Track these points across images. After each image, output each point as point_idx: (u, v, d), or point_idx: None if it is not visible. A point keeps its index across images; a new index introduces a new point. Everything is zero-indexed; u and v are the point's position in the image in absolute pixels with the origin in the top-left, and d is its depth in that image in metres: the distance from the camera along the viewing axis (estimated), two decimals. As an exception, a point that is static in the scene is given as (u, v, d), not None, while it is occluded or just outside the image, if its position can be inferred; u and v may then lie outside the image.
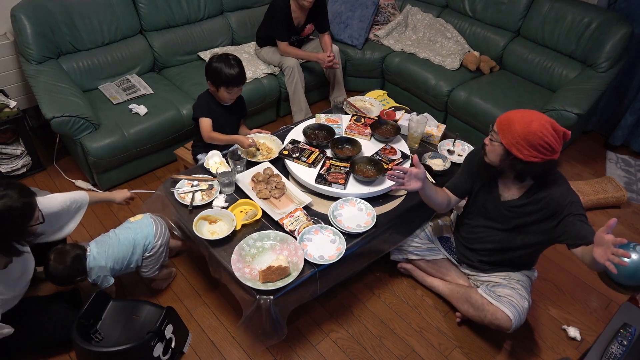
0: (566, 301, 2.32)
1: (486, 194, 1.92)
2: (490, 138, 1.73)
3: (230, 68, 2.19)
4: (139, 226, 1.98)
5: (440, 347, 2.08)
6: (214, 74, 2.21)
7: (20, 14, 2.64)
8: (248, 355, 2.00)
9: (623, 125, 3.30)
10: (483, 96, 3.11)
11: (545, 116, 1.63)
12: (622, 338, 1.64)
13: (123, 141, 2.63)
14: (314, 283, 1.81)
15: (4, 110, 2.66)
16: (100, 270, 1.89)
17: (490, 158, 1.75)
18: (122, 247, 1.93)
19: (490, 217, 1.93)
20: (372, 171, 2.14)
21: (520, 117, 1.62)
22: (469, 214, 2.05)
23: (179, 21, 3.28)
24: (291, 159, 2.21)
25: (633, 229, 2.77)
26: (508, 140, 1.63)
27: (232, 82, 2.22)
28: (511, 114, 1.66)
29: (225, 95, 2.27)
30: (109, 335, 1.83)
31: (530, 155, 1.61)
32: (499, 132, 1.67)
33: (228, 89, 2.24)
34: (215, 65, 2.20)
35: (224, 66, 2.18)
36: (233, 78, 2.20)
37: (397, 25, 3.82)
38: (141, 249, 1.96)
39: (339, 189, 2.05)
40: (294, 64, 3.18)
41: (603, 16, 3.00)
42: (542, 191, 1.75)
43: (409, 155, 2.23)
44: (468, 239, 2.07)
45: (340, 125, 2.44)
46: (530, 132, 1.59)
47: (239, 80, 2.24)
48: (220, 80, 2.21)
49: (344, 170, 2.13)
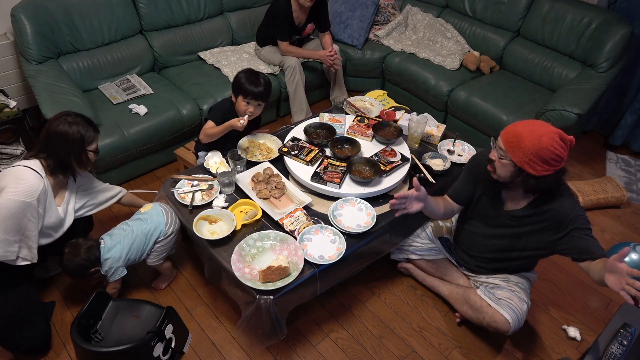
0: (566, 301, 2.32)
1: (488, 202, 1.89)
2: (499, 156, 1.65)
3: (254, 78, 2.17)
4: (150, 216, 2.02)
5: (440, 347, 2.08)
6: (239, 85, 2.19)
7: (20, 14, 2.64)
8: (248, 355, 2.00)
9: (623, 125, 3.30)
10: (483, 96, 3.11)
11: (551, 126, 1.57)
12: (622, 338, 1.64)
13: (123, 141, 2.63)
14: (314, 283, 1.81)
15: (4, 110, 2.66)
16: (114, 261, 1.94)
17: (499, 175, 1.69)
18: (137, 238, 1.98)
19: (491, 225, 1.91)
20: (369, 172, 2.14)
21: (529, 133, 1.56)
22: (469, 220, 2.02)
23: (179, 21, 3.28)
24: (290, 156, 2.21)
25: (633, 229, 2.77)
26: (519, 158, 1.58)
27: (254, 95, 2.16)
28: (517, 128, 1.59)
29: (242, 107, 2.21)
30: (109, 335, 1.83)
31: (542, 170, 1.57)
32: (507, 149, 1.60)
33: (246, 99, 2.19)
34: (241, 75, 2.20)
35: (247, 77, 2.17)
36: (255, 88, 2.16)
37: (397, 25, 3.82)
38: (155, 238, 2.00)
39: (334, 188, 2.05)
40: (296, 64, 3.18)
41: (603, 16, 3.00)
42: (547, 203, 1.71)
43: (408, 158, 2.22)
44: (467, 244, 2.06)
45: (342, 125, 2.44)
46: (542, 148, 1.54)
47: (258, 93, 2.18)
48: (244, 90, 2.17)
49: (340, 170, 2.13)
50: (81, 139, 1.82)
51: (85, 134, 1.83)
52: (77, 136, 1.81)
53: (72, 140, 1.80)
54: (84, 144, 1.84)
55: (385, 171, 2.12)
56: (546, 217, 1.72)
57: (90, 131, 1.86)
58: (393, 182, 2.10)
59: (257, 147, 2.32)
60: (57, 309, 2.12)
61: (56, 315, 2.10)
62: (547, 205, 1.71)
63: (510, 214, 1.82)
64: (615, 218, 2.84)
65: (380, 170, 2.11)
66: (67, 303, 2.16)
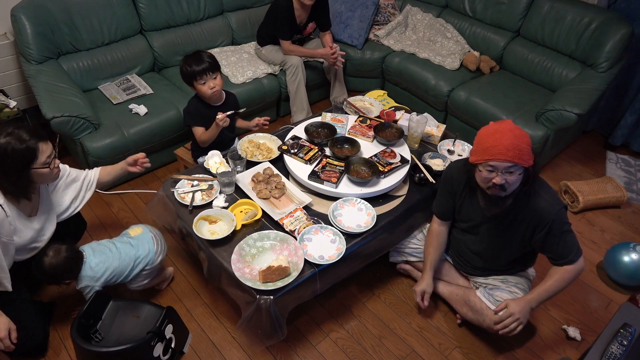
0: (566, 301, 2.32)
1: (469, 210, 1.91)
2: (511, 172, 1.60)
3: (191, 59, 2.21)
4: (140, 242, 1.98)
5: (440, 347, 2.08)
6: (182, 74, 2.24)
7: (20, 14, 2.64)
8: (248, 355, 2.00)
9: (623, 125, 3.30)
10: (483, 96, 3.11)
11: (503, 122, 1.64)
12: (622, 338, 1.64)
13: (123, 141, 2.63)
14: (313, 283, 1.81)
15: (4, 110, 2.66)
16: (92, 280, 1.87)
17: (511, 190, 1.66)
18: (122, 262, 1.92)
19: (475, 232, 1.94)
20: (367, 172, 2.13)
21: (514, 137, 1.56)
22: (455, 229, 2.07)
23: (179, 21, 3.28)
24: (289, 154, 2.21)
25: (633, 229, 2.77)
26: (527, 161, 1.59)
27: (199, 72, 2.19)
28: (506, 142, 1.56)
29: (203, 89, 2.24)
30: (109, 335, 1.83)
31: (530, 158, 1.61)
32: (518, 163, 1.57)
33: (199, 81, 2.22)
34: (180, 66, 2.22)
35: (185, 61, 2.21)
36: (196, 66, 2.19)
37: (397, 25, 3.82)
38: (143, 265, 1.96)
39: (331, 187, 2.05)
40: (298, 63, 3.18)
41: (603, 16, 3.00)
42: (526, 201, 1.72)
43: (408, 160, 2.21)
44: (457, 251, 2.09)
45: (344, 125, 2.44)
46: (522, 137, 1.58)
47: (204, 68, 2.19)
48: (188, 75, 2.22)
49: (339, 170, 2.13)
50: (21, 157, 1.56)
51: (24, 149, 1.55)
52: (15, 155, 1.54)
53: (10, 161, 1.55)
54: (27, 163, 1.59)
55: (384, 172, 2.12)
56: (526, 215, 1.74)
57: (32, 143, 1.57)
58: (393, 183, 2.10)
59: (257, 147, 2.32)
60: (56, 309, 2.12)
61: (56, 315, 2.10)
62: (526, 204, 1.72)
63: (492, 218, 1.83)
64: (615, 218, 2.84)
65: (379, 171, 2.11)
66: (67, 302, 2.15)
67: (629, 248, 2.32)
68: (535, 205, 1.71)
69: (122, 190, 2.79)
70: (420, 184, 2.20)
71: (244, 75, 3.17)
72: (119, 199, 2.74)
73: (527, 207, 1.73)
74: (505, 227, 1.82)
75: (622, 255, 2.32)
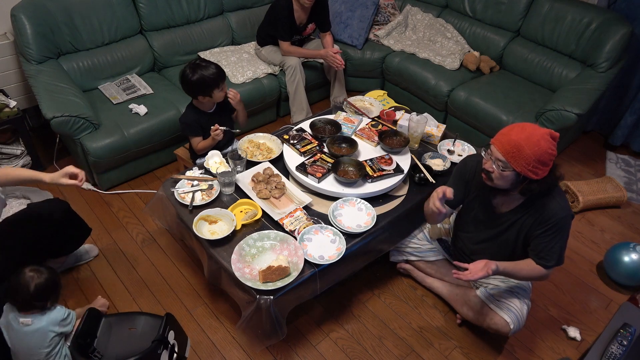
0: (566, 301, 2.32)
1: (480, 207, 1.90)
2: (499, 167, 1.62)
3: (208, 69, 2.22)
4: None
5: (440, 347, 2.08)
6: (200, 84, 2.22)
7: (20, 14, 2.64)
8: (248, 355, 2.00)
9: (623, 125, 3.30)
10: (483, 96, 3.11)
11: (540, 127, 1.59)
12: (622, 338, 1.64)
13: (123, 141, 2.63)
14: (313, 283, 1.81)
15: (4, 110, 2.66)
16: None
17: (498, 184, 1.68)
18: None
19: (483, 229, 1.92)
20: (354, 174, 2.11)
21: (526, 140, 1.55)
22: (463, 226, 2.05)
23: (179, 21, 3.28)
24: (288, 143, 2.25)
25: (633, 229, 2.77)
26: (522, 167, 1.58)
27: (220, 78, 2.25)
28: (512, 137, 1.57)
29: (219, 95, 2.29)
30: (107, 353, 1.74)
31: (543, 173, 1.60)
32: (508, 161, 1.58)
33: (220, 87, 2.27)
34: (196, 77, 2.21)
35: (203, 71, 2.21)
36: (218, 74, 2.24)
37: (397, 25, 3.82)
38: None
39: (313, 181, 2.06)
40: (296, 63, 3.18)
41: (603, 16, 3.00)
42: (539, 201, 1.72)
43: (403, 170, 2.17)
44: (464, 251, 2.08)
45: (354, 126, 2.44)
46: (542, 153, 1.55)
47: (222, 73, 2.27)
48: (210, 85, 2.23)
49: (327, 167, 2.13)
50: None
51: None
52: None
53: None
54: None
55: (372, 177, 2.10)
56: (534, 213, 1.74)
57: None
58: (392, 183, 2.10)
59: (257, 147, 2.33)
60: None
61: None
62: (538, 203, 1.72)
63: (502, 216, 1.82)
64: (615, 218, 2.84)
65: (367, 175, 2.10)
66: (67, 302, 2.16)
67: (629, 248, 2.32)
68: (546, 205, 1.70)
69: (122, 190, 2.79)
70: (420, 184, 2.20)
71: (244, 75, 3.17)
72: (118, 199, 2.74)
73: (537, 208, 1.72)
74: (510, 225, 1.82)
75: (622, 255, 2.32)
